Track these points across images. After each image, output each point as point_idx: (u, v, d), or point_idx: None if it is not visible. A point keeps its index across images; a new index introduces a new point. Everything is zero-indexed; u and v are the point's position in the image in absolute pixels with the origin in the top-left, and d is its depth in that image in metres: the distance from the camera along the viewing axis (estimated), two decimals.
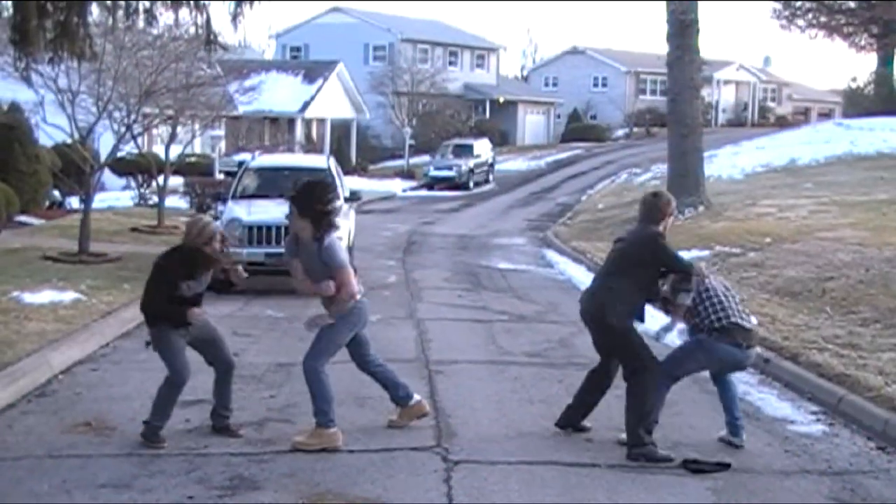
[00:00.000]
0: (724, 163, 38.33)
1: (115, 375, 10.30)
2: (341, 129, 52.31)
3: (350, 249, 16.94)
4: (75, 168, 20.17)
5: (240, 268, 8.41)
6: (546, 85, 79.86)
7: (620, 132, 73.43)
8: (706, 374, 10.83)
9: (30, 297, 12.94)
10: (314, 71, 50.55)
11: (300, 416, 8.79)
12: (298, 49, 64.57)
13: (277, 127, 46.89)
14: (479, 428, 8.47)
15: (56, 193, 26.29)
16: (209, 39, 8.09)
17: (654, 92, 76.87)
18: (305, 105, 48.11)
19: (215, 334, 8.52)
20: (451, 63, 65.98)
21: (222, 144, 38.51)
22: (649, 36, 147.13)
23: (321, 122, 51.19)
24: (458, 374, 10.63)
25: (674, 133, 26.20)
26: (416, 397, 8.51)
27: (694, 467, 7.48)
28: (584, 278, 18.61)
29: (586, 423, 8.43)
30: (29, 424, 8.32)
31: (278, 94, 44.89)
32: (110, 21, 9.75)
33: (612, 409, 9.19)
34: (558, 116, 75.52)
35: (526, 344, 12.34)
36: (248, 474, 7.24)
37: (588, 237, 24.33)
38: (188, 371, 8.20)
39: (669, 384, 8.11)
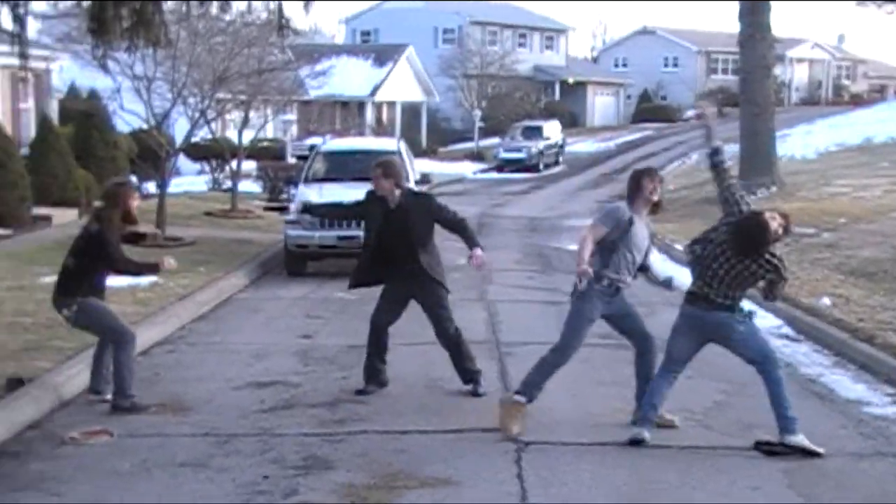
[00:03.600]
0: (797, 142, 37.83)
1: (191, 357, 10.51)
2: (411, 113, 52.43)
3: None
4: (151, 153, 20.51)
5: None
6: (616, 66, 79.27)
7: (691, 112, 72.65)
8: (780, 355, 10.77)
9: (109, 281, 13.17)
10: (384, 55, 50.72)
11: (372, 396, 8.91)
12: (368, 33, 64.76)
13: (348, 111, 47.15)
14: (550, 409, 8.49)
15: (133, 179, 26.72)
16: (281, 25, 8.19)
17: (725, 71, 75.93)
18: (375, 89, 48.30)
19: None
20: (520, 45, 65.69)
21: (294, 129, 38.85)
22: (721, 14, 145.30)
23: (391, 105, 51.35)
24: (528, 356, 10.60)
25: (746, 113, 25.93)
26: None
27: (766, 449, 7.44)
28: (654, 259, 18.39)
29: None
30: (110, 404, 8.51)
31: (348, 78, 45.14)
32: (184, 8, 9.89)
33: (681, 390, 9.18)
34: (628, 97, 74.92)
35: (597, 325, 12.26)
36: (322, 454, 7.34)
37: (658, 219, 23.98)
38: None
39: None
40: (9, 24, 8.10)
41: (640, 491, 6.66)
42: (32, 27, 11.47)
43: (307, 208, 11.18)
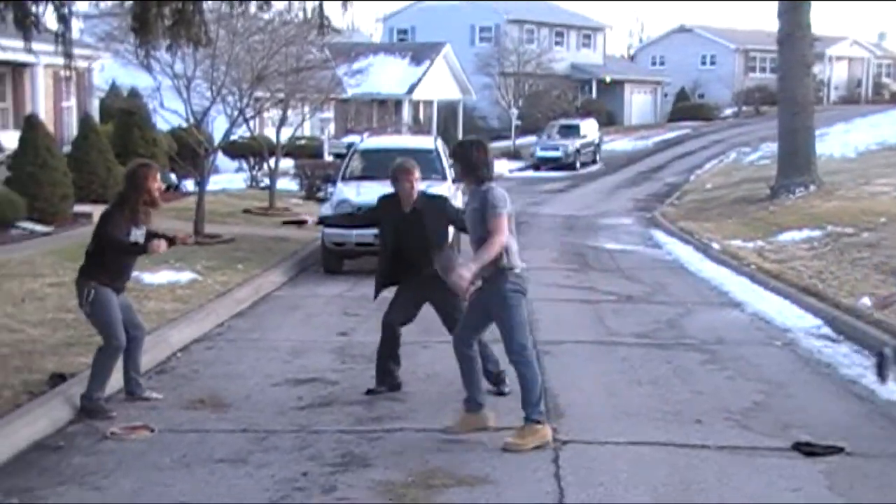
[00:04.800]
0: (836, 141, 37.53)
1: (230, 354, 10.58)
2: (448, 111, 52.45)
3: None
4: (191, 151, 20.67)
5: None
6: (653, 64, 78.95)
7: (729, 111, 72.29)
8: (819, 356, 10.69)
9: (149, 278, 13.34)
10: (421, 53, 50.79)
11: (409, 394, 8.94)
12: (405, 31, 64.88)
13: (385, 109, 47.27)
14: (587, 408, 8.50)
15: (172, 176, 26.95)
16: (322, 24, 8.23)
17: (763, 70, 75.49)
18: (412, 87, 48.37)
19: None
20: (557, 43, 65.59)
21: (331, 127, 38.94)
22: (759, 12, 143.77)
23: (428, 103, 51.40)
24: (565, 355, 10.67)
25: (784, 111, 25.76)
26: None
27: (806, 450, 7.38)
28: (691, 258, 18.46)
29: None
30: (151, 400, 8.59)
31: (386, 76, 45.28)
32: (225, 7, 9.95)
33: (720, 390, 9.17)
34: (665, 95, 74.64)
35: (634, 324, 12.32)
36: (359, 451, 7.37)
37: (696, 217, 24.08)
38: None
39: None
40: (53, 25, 8.20)
41: (677, 491, 6.63)
42: (75, 26, 11.61)
43: (321, 220, 11.14)
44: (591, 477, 6.85)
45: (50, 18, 8.45)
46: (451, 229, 9.20)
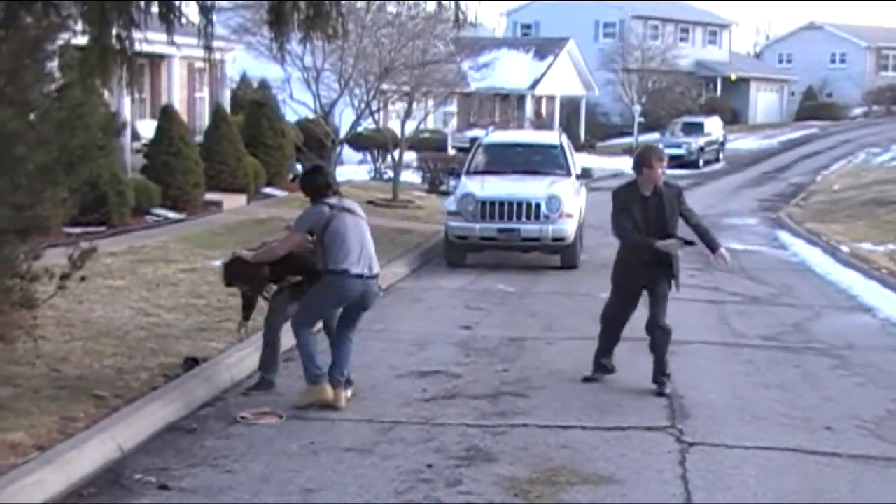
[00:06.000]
0: None
1: (356, 344, 10.55)
2: (570, 106, 52.19)
3: (581, 226, 16.92)
4: (316, 142, 20.97)
5: None
6: (780, 62, 77.40)
7: (858, 110, 70.46)
8: None
9: None
10: (544, 48, 50.63)
11: (533, 389, 8.94)
12: (529, 26, 64.80)
13: (507, 103, 47.27)
14: (713, 410, 8.40)
15: (299, 167, 27.35)
16: (458, 17, 8.27)
17: None
18: (536, 82, 48.27)
19: None
20: (682, 39, 64.69)
21: (454, 120, 39.12)
22: (893, 9, 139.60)
23: (550, 99, 51.22)
24: (690, 355, 10.54)
25: None
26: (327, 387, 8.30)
27: None
28: (819, 261, 18.06)
29: None
30: (278, 386, 8.76)
31: (509, 70, 45.24)
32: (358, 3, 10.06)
33: (850, 397, 8.97)
34: (792, 94, 73.11)
35: (760, 326, 12.11)
36: (484, 446, 7.39)
37: (823, 219, 23.55)
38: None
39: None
40: (193, 17, 8.38)
41: (808, 499, 6.50)
42: None
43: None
44: (719, 481, 6.76)
45: (192, 13, 8.63)
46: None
